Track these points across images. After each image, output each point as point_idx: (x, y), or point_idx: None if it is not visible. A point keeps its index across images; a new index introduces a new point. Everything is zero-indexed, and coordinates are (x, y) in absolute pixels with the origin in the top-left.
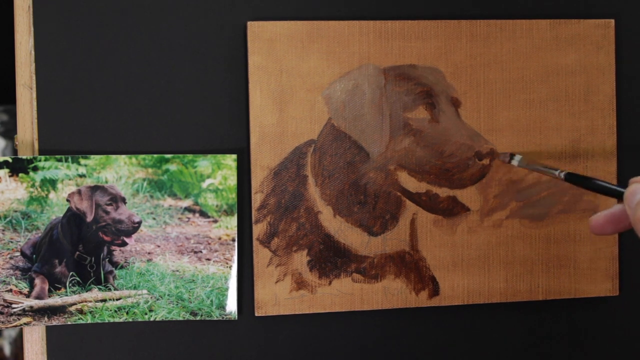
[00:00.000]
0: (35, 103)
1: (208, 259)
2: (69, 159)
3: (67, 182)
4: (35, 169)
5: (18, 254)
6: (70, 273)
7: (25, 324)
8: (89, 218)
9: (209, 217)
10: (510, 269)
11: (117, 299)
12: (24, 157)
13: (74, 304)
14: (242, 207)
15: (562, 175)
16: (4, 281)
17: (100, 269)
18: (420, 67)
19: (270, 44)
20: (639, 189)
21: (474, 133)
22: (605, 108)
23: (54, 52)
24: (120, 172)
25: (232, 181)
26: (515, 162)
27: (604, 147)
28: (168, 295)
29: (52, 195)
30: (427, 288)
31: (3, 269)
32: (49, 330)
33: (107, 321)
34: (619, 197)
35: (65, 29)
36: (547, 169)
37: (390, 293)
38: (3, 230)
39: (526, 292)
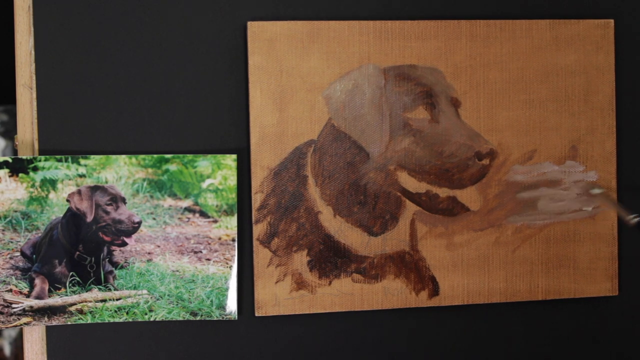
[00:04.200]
0: (35, 103)
1: (208, 259)
2: (69, 159)
3: (67, 182)
4: (35, 169)
5: (18, 254)
6: (70, 273)
7: (25, 324)
8: (89, 218)
9: (209, 217)
10: (510, 269)
11: (117, 299)
12: (24, 157)
13: (74, 304)
14: (242, 207)
15: (635, 220)
16: (4, 281)
17: (100, 269)
18: (420, 67)
19: (270, 44)
20: None
21: (474, 133)
22: (605, 108)
23: (54, 52)
24: (120, 172)
25: (232, 181)
26: (596, 191)
27: (603, 147)
28: (168, 295)
29: (52, 195)
30: (427, 288)
31: (3, 269)
32: (49, 330)
33: (107, 321)
34: None
35: (65, 29)
36: (621, 210)
37: (390, 293)
38: (3, 230)
39: (526, 292)
